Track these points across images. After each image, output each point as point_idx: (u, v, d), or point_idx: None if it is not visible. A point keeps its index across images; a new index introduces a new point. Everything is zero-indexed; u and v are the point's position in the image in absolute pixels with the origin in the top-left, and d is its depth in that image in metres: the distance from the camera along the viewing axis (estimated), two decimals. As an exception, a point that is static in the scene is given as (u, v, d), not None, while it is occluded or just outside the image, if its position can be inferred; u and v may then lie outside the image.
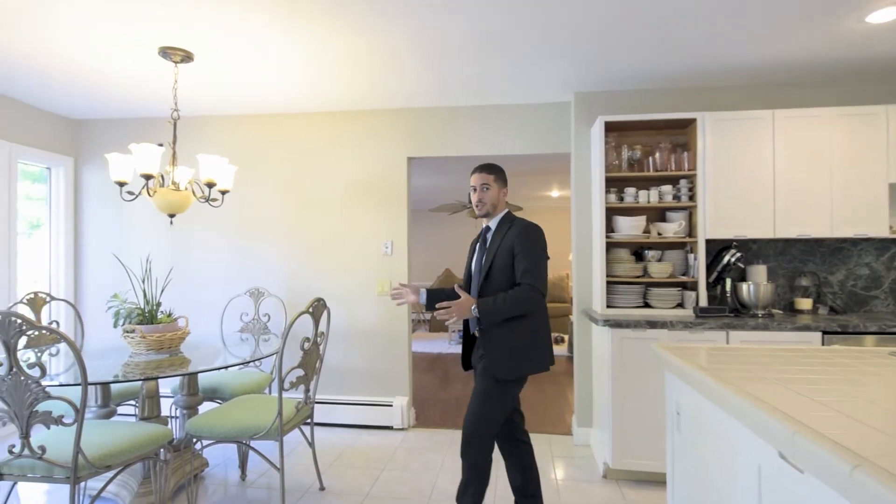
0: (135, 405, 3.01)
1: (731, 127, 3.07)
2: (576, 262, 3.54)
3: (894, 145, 2.96)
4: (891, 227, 3.02)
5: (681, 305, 3.20)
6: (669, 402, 1.79)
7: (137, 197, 2.92)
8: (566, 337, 7.67)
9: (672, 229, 3.17)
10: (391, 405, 3.80)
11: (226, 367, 2.47)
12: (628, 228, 3.18)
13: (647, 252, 3.23)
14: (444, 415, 4.16)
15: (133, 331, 2.62)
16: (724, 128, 3.08)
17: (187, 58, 2.85)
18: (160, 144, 2.73)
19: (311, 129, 4.00)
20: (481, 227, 2.54)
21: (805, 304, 3.18)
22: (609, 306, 3.17)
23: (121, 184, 2.77)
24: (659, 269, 3.14)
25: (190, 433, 2.46)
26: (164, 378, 2.27)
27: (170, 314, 2.81)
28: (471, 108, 3.83)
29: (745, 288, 3.06)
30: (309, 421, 2.83)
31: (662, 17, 2.45)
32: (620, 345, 2.86)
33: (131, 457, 2.13)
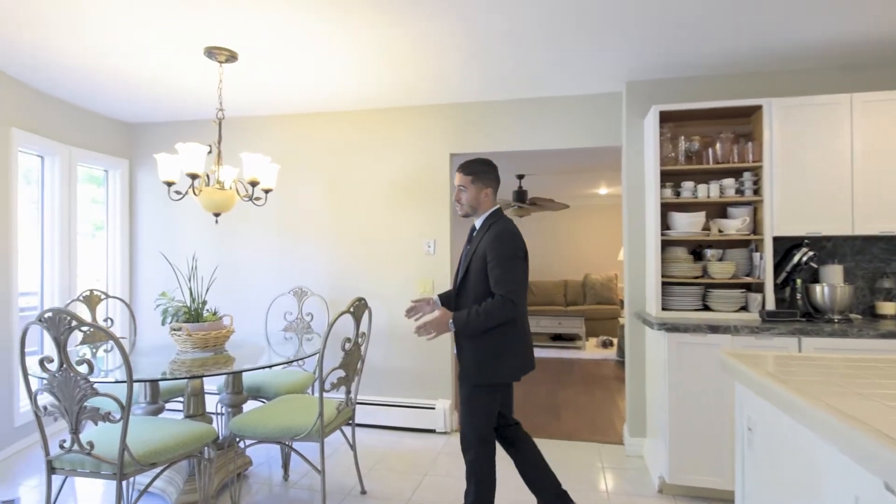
0: (182, 402, 3.06)
1: (802, 113, 2.81)
2: (628, 262, 3.35)
3: None
4: None
5: (744, 308, 2.95)
6: (739, 415, 1.61)
7: (184, 196, 2.96)
8: (614, 340, 7.39)
9: (735, 226, 2.94)
10: (433, 408, 3.72)
11: (269, 367, 2.45)
12: (686, 225, 2.97)
13: (707, 251, 3.01)
14: (487, 419, 4.04)
15: (179, 329, 2.65)
16: (794, 114, 2.82)
17: (231, 57, 2.87)
18: (209, 148, 2.76)
19: (352, 127, 3.98)
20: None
21: (888, 308, 2.87)
22: (665, 308, 2.97)
23: (169, 183, 2.82)
24: (720, 269, 2.91)
25: (233, 432, 2.46)
26: (208, 377, 2.28)
27: (215, 312, 2.83)
28: (514, 101, 3.70)
29: (818, 290, 2.80)
30: (350, 422, 2.78)
31: (726, -5, 2.25)
32: (678, 350, 2.66)
33: (176, 455, 2.13)
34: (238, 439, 2.53)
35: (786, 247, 3.00)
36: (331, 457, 3.26)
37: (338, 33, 2.63)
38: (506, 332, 2.14)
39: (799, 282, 2.85)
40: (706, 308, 2.99)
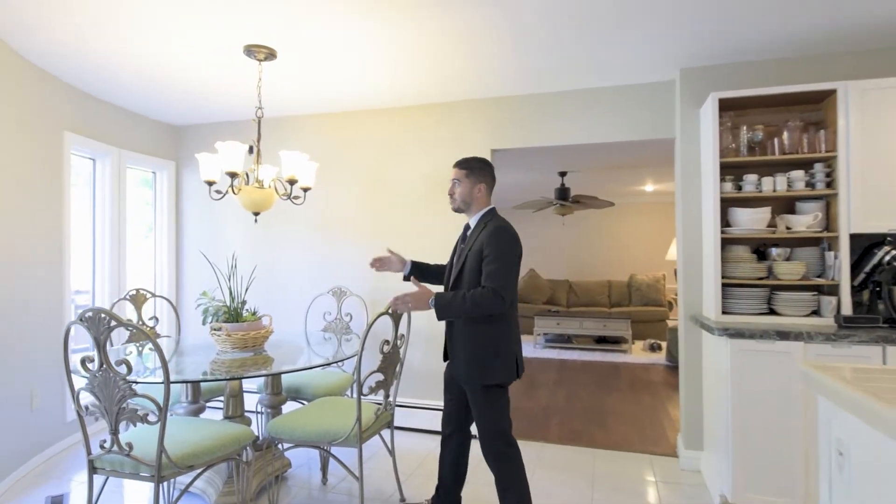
0: (222, 401, 3.05)
1: (883, 97, 2.53)
2: (682, 262, 3.13)
3: None
4: None
5: (816, 313, 2.69)
6: (825, 437, 1.42)
7: (224, 195, 2.95)
8: (663, 344, 7.06)
9: (804, 222, 2.69)
10: (474, 412, 3.60)
11: (308, 368, 2.40)
12: (749, 222, 2.74)
13: (773, 250, 2.76)
14: (530, 425, 3.90)
15: (219, 328, 2.64)
16: (874, 99, 2.54)
17: (270, 55, 2.84)
18: (250, 149, 2.74)
19: (391, 125, 3.91)
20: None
21: None
22: (725, 312, 2.74)
23: (210, 183, 2.81)
24: (788, 269, 2.67)
25: (271, 435, 2.42)
26: (246, 378, 2.24)
27: (254, 312, 2.81)
28: (556, 94, 3.53)
29: (903, 293, 2.51)
30: (389, 426, 2.70)
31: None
32: (741, 358, 2.44)
33: (214, 457, 2.10)
34: (276, 442, 2.49)
35: (864, 245, 2.71)
36: (369, 460, 3.19)
37: (373, 28, 2.56)
38: (500, 335, 2.12)
39: (882, 284, 2.56)
40: (772, 312, 2.75)
